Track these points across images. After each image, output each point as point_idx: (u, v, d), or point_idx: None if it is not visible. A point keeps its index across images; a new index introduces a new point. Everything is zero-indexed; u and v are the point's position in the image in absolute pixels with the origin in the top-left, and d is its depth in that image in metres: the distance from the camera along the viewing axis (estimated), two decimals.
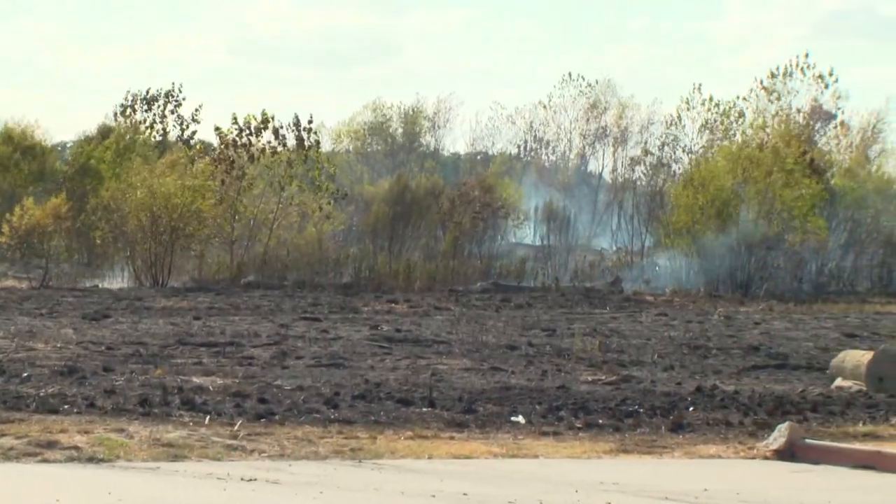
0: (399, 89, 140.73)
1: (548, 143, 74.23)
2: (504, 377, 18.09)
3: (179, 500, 10.00)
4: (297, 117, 42.38)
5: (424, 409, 14.83)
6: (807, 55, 53.59)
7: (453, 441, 13.06)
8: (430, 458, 12.19)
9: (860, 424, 14.67)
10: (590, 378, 18.17)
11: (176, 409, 14.20)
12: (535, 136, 74.10)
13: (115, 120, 53.33)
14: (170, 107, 52.71)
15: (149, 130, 52.22)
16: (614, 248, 57.45)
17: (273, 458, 11.88)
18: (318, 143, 43.42)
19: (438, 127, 79.97)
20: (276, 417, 14.01)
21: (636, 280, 42.32)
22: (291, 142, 42.28)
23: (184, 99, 52.79)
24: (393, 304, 30.59)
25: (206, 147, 45.88)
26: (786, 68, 52.97)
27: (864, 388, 17.31)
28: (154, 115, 52.63)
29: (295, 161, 41.94)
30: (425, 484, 10.85)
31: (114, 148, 46.80)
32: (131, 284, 37.78)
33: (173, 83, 52.32)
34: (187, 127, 52.00)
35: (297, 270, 39.57)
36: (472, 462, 12.11)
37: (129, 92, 53.95)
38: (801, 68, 52.72)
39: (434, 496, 10.38)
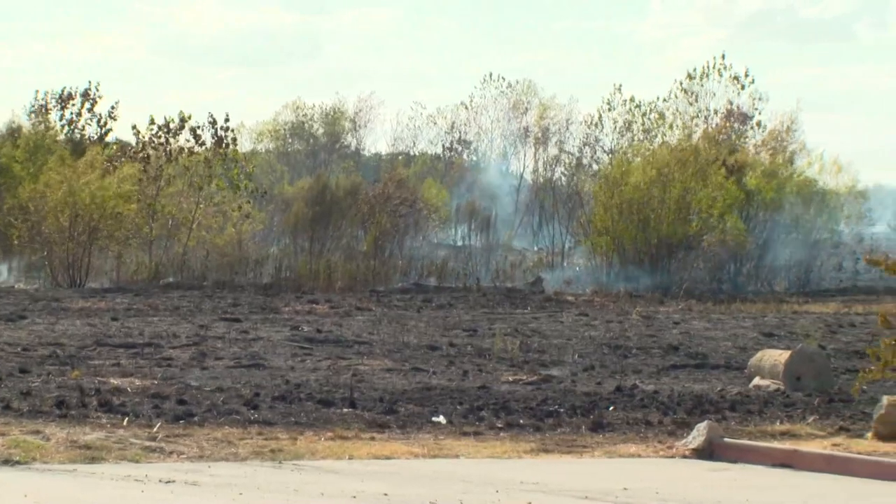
0: (320, 89, 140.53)
1: (469, 143, 74.38)
2: (425, 377, 18.08)
3: (97, 503, 9.90)
4: (212, 116, 42.17)
5: (345, 410, 14.79)
6: (723, 56, 53.95)
7: (374, 442, 13.03)
8: (350, 458, 12.16)
9: (778, 423, 14.80)
10: (511, 378, 18.20)
11: (93, 411, 14.06)
12: (457, 137, 74.19)
13: (30, 118, 52.67)
14: (87, 105, 52.18)
15: (63, 129, 51.63)
16: (535, 249, 57.64)
17: (192, 459, 11.79)
18: (234, 141, 43.19)
19: (360, 127, 79.89)
20: (196, 419, 13.91)
21: (557, 280, 42.46)
22: (209, 141, 42.03)
23: (100, 97, 52.24)
24: (313, 305, 30.47)
25: (123, 146, 45.42)
26: (703, 70, 53.38)
27: (782, 387, 17.47)
28: (71, 113, 52.07)
29: (213, 161, 41.70)
30: (346, 485, 10.81)
31: (24, 146, 46.18)
32: (48, 285, 37.38)
33: (89, 81, 51.75)
34: (105, 125, 51.47)
35: (217, 271, 39.30)
36: (392, 462, 12.08)
37: (40, 91, 53.26)
38: (718, 70, 53.16)
39: (355, 497, 10.35)
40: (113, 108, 52.73)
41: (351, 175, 59.21)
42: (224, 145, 42.10)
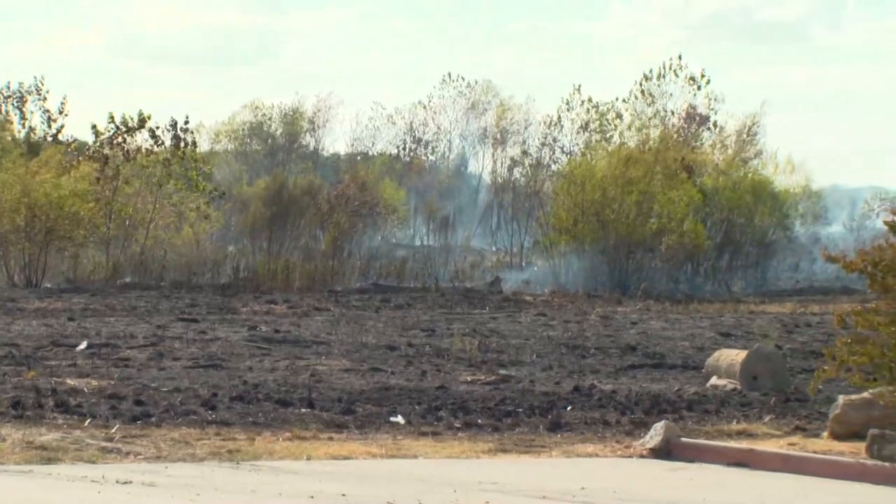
0: (279, 89, 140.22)
1: (428, 143, 74.35)
2: (383, 377, 18.07)
3: (53, 503, 9.86)
4: (173, 119, 42.05)
5: (303, 410, 14.77)
6: (680, 57, 54.12)
7: (332, 442, 13.02)
8: (308, 459, 12.14)
9: (734, 423, 14.87)
10: (469, 378, 18.21)
11: (50, 412, 13.99)
12: (415, 137, 74.16)
13: None
14: (37, 102, 51.76)
15: (11, 126, 51.21)
16: (494, 249, 57.71)
17: (149, 460, 11.75)
18: (194, 143, 43.06)
19: (318, 127, 79.74)
20: (153, 419, 13.86)
21: (516, 280, 42.53)
22: (168, 142, 41.87)
23: (48, 92, 51.85)
24: (272, 305, 30.40)
25: (80, 145, 45.17)
26: (660, 71, 53.55)
27: (739, 387, 17.55)
28: (19, 110, 51.67)
29: (171, 161, 41.55)
30: (304, 485, 10.80)
31: None
32: (3, 285, 37.15)
33: (35, 76, 51.33)
34: (55, 121, 51.06)
35: (175, 271, 39.15)
36: (350, 463, 12.08)
37: None
38: (675, 71, 53.34)
39: (312, 497, 10.34)
40: (62, 103, 52.36)
41: (309, 175, 59.14)
42: (183, 146, 41.96)
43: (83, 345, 20.67)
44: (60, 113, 51.79)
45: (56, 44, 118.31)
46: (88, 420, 13.58)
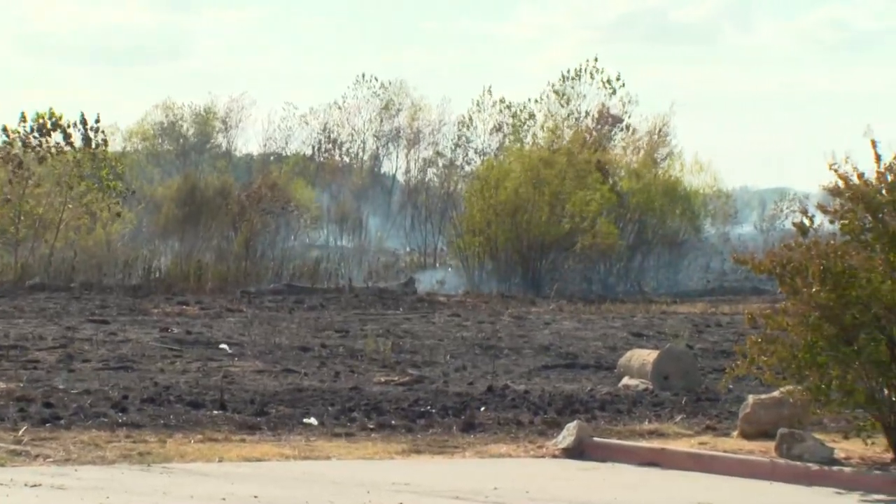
0: (191, 89, 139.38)
1: (341, 143, 74.15)
2: (297, 379, 18.01)
3: None
4: (83, 116, 41.57)
5: (215, 412, 14.68)
6: (595, 59, 54.37)
7: (245, 444, 12.95)
8: (220, 461, 12.07)
9: (646, 422, 14.97)
10: (383, 379, 18.19)
11: None
12: (329, 137, 73.94)
13: None
14: None
15: None
16: (408, 250, 57.71)
17: (58, 463, 11.63)
18: (105, 142, 42.62)
19: (231, 127, 79.30)
20: (62, 422, 13.72)
21: (429, 281, 42.54)
22: (79, 141, 41.40)
23: None
24: (183, 306, 30.18)
25: None
26: (575, 72, 53.79)
27: (650, 387, 17.67)
28: None
29: (82, 160, 41.09)
30: (216, 487, 10.73)
31: None
32: None
33: None
34: None
35: (85, 272, 38.72)
36: (263, 464, 12.02)
37: None
38: (590, 72, 53.60)
39: (224, 499, 10.28)
40: None
41: (223, 175, 58.76)
42: (94, 146, 41.53)
43: None
44: None
45: None
46: None
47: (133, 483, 10.80)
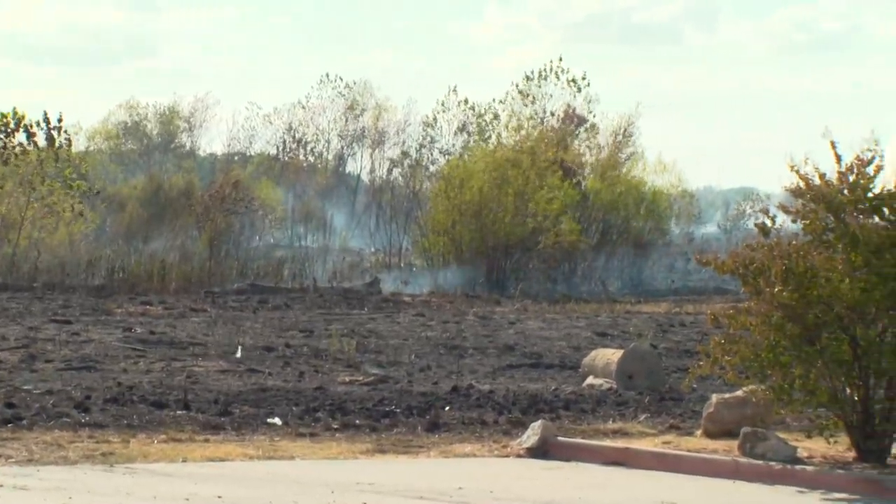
0: (156, 88, 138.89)
1: (306, 143, 74.05)
2: (261, 379, 17.97)
3: None
4: (46, 116, 41.37)
5: (179, 412, 14.63)
6: (560, 59, 54.44)
7: (208, 444, 12.92)
8: (184, 461, 12.03)
9: (610, 422, 15.00)
10: (347, 379, 18.17)
11: None
12: (294, 137, 73.82)
13: None
14: None
15: None
16: (373, 250, 57.68)
17: (21, 463, 11.57)
18: (69, 142, 42.42)
19: (195, 127, 79.11)
20: (24, 422, 13.65)
21: (394, 281, 42.53)
22: (42, 141, 41.20)
23: None
24: (147, 306, 30.06)
25: None
26: (541, 72, 53.86)
27: (615, 386, 17.71)
28: None
29: (45, 160, 40.88)
30: (179, 487, 10.70)
31: None
32: None
33: None
34: None
35: (48, 272, 38.53)
36: (227, 465, 11.99)
37: None
38: (556, 73, 53.66)
39: (188, 499, 10.25)
40: None
41: (189, 175, 58.63)
42: (58, 146, 41.32)
43: None
44: None
45: None
46: None
47: (96, 483, 10.76)
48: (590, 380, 18.27)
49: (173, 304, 30.71)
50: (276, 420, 14.45)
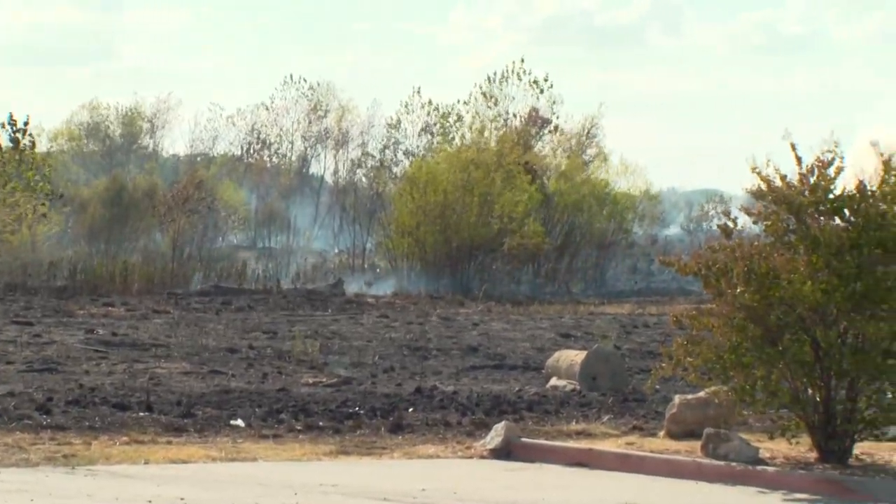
0: (118, 89, 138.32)
1: (270, 144, 73.89)
2: (224, 380, 17.92)
3: None
4: (11, 117, 41.13)
5: (141, 414, 14.58)
6: (522, 61, 54.49)
7: (171, 446, 12.87)
8: (146, 463, 11.99)
9: (574, 423, 15.02)
10: (311, 380, 18.14)
11: None
12: (258, 138, 73.64)
13: None
14: None
15: None
16: (336, 251, 57.62)
17: None
18: (33, 143, 42.19)
19: (157, 128, 78.81)
20: None
21: (358, 282, 42.50)
22: (6, 142, 40.95)
23: None
24: (109, 308, 29.94)
25: None
26: (503, 74, 53.90)
27: (578, 388, 17.74)
28: None
29: (8, 162, 40.64)
30: (141, 489, 10.66)
31: None
32: None
33: None
34: None
35: (9, 273, 38.34)
36: (189, 466, 11.95)
37: None
38: (518, 74, 53.72)
39: (150, 501, 10.21)
40: None
41: (152, 175, 58.40)
42: (22, 149, 41.07)
43: None
44: None
45: None
46: None
47: (58, 485, 10.71)
48: (553, 381, 18.29)
49: (136, 306, 30.60)
50: (240, 422, 14.41)
